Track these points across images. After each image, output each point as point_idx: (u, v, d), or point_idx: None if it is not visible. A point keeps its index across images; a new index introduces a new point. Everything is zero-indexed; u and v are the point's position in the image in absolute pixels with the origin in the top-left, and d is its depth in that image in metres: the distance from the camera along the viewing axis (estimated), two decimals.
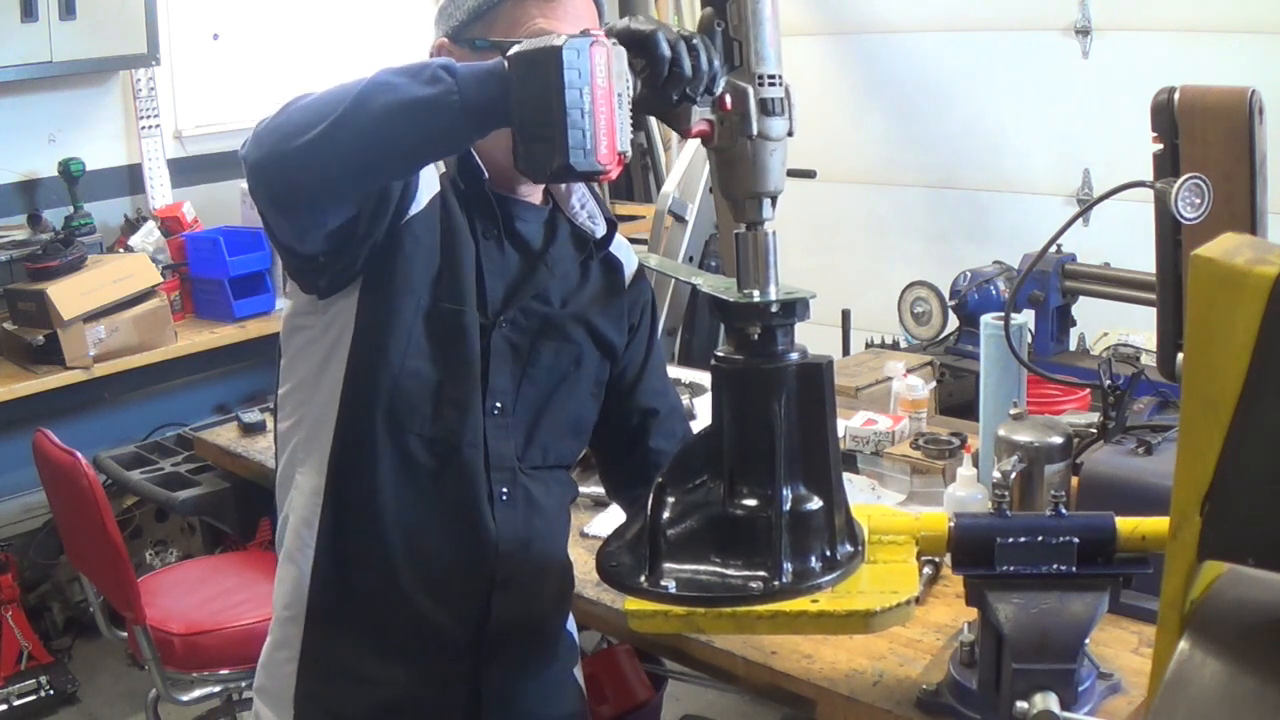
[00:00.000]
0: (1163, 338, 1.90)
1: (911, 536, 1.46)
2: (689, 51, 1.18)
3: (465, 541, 1.55)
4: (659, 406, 1.76)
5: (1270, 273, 0.83)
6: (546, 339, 1.60)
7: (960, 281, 3.20)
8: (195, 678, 2.61)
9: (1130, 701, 1.49)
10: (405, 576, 1.53)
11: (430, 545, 1.54)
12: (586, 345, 1.63)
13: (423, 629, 1.56)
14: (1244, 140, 1.75)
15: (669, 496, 1.27)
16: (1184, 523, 0.91)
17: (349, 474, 1.52)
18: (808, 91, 5.19)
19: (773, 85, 1.24)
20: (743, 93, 1.23)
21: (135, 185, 4.09)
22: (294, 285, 1.52)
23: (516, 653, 1.62)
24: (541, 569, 1.64)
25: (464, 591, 1.56)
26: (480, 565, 1.55)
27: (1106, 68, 4.10)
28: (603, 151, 1.15)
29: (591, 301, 1.65)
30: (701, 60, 1.18)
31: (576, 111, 1.13)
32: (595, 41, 1.14)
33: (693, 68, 1.18)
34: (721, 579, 1.24)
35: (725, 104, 1.23)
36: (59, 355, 3.40)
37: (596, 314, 1.65)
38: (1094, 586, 1.38)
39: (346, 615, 1.56)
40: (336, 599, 1.55)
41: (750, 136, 1.23)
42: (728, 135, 1.24)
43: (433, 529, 1.54)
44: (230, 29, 4.26)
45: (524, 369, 1.58)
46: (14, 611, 3.46)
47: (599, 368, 1.67)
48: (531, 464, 1.60)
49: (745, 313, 1.24)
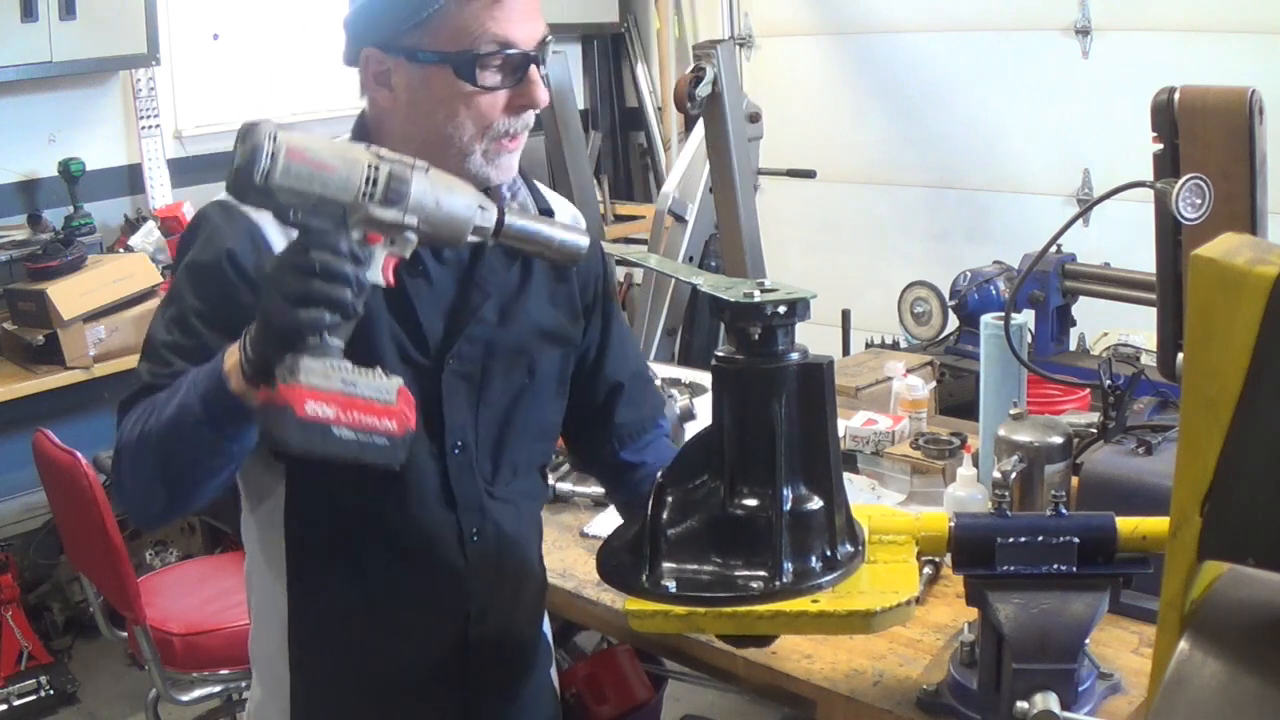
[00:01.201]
0: (1163, 338, 1.90)
1: (911, 536, 1.45)
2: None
3: (437, 589, 1.52)
4: (623, 379, 1.71)
5: (1270, 273, 0.83)
6: (495, 359, 1.52)
7: (960, 281, 3.20)
8: (195, 678, 2.61)
9: (1130, 701, 1.49)
10: (383, 635, 1.52)
11: (401, 601, 1.51)
12: (539, 349, 1.56)
13: (409, 676, 1.54)
14: (1244, 140, 1.75)
15: (669, 496, 1.27)
16: (1184, 523, 0.91)
17: (309, 581, 1.51)
18: (808, 91, 5.22)
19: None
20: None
21: (135, 185, 4.09)
22: None
23: (502, 674, 1.61)
24: (516, 589, 1.61)
25: (440, 635, 1.54)
26: (455, 605, 1.53)
27: (1106, 68, 4.10)
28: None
29: (537, 300, 1.57)
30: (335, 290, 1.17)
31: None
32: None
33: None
34: (722, 579, 1.24)
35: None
36: (59, 355, 3.40)
37: (544, 312, 1.57)
38: (1094, 586, 1.38)
39: (333, 670, 1.54)
40: (320, 655, 1.53)
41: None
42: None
43: (402, 590, 1.51)
44: (230, 29, 4.26)
45: (478, 397, 1.51)
46: (14, 611, 3.46)
47: (559, 365, 1.61)
48: (503, 484, 1.56)
49: (745, 313, 1.24)
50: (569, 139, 3.98)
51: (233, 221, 1.39)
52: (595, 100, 5.58)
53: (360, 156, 1.19)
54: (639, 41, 5.53)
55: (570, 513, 2.18)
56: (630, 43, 5.53)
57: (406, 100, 1.42)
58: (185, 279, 1.41)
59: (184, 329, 1.39)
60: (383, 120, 1.46)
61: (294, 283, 1.17)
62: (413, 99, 1.41)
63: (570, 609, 1.94)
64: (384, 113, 1.45)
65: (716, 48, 3.03)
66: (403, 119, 1.43)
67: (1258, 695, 0.84)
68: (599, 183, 4.94)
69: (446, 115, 1.41)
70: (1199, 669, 0.87)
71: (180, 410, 1.28)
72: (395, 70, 1.41)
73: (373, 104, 1.47)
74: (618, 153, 5.66)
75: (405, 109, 1.42)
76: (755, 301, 1.23)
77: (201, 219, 1.43)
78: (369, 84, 1.44)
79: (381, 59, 1.41)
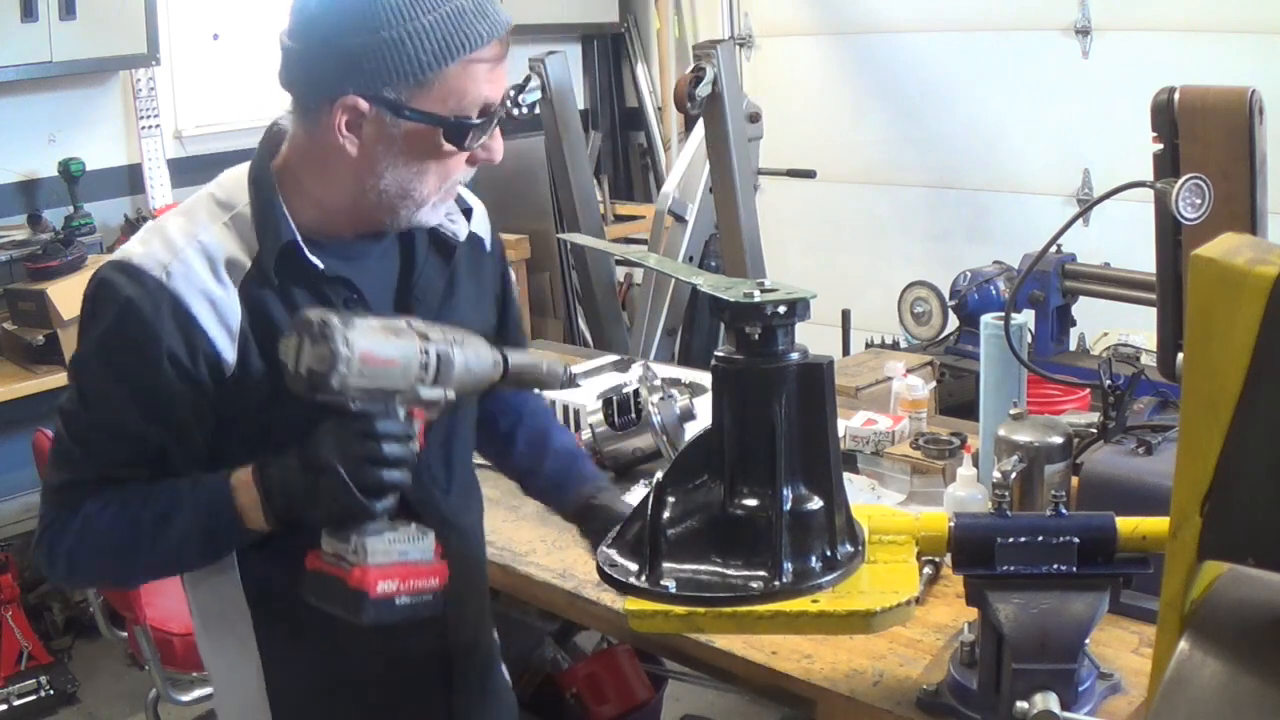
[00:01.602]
0: (1163, 338, 1.90)
1: (911, 536, 1.45)
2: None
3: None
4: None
5: (1270, 273, 0.83)
6: None
7: (960, 281, 3.20)
8: (195, 678, 2.61)
9: (1130, 701, 1.49)
10: (367, 663, 1.49)
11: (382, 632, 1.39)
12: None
13: (394, 694, 1.53)
14: (1244, 140, 1.75)
15: (669, 496, 1.27)
16: (1184, 523, 0.91)
17: (278, 629, 1.48)
18: (808, 91, 5.22)
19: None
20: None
21: (135, 185, 4.09)
22: None
23: (476, 673, 1.62)
24: (480, 585, 1.64)
25: (423, 648, 1.52)
26: (434, 618, 1.41)
27: (1106, 68, 4.11)
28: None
29: (465, 303, 1.54)
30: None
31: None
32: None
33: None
34: (722, 579, 1.23)
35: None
36: (59, 355, 3.40)
37: (471, 313, 1.54)
38: (1094, 586, 1.38)
39: (312, 688, 1.51)
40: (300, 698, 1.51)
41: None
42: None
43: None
44: (230, 29, 4.26)
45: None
46: (14, 611, 3.47)
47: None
48: (456, 485, 1.55)
49: (745, 313, 1.24)
50: (569, 139, 3.98)
51: (157, 305, 1.32)
52: (595, 100, 5.59)
53: (411, 342, 1.27)
54: (639, 41, 5.53)
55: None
56: (630, 43, 5.54)
57: (373, 152, 1.34)
58: (100, 362, 1.34)
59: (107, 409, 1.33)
60: (324, 161, 1.37)
61: (365, 474, 1.22)
62: (383, 152, 1.34)
63: (570, 609, 1.93)
64: (331, 155, 1.35)
65: (716, 48, 3.03)
66: (357, 168, 1.35)
67: (1258, 695, 0.84)
68: (599, 183, 4.94)
69: (416, 171, 1.36)
70: (1199, 669, 0.87)
71: (180, 542, 1.33)
72: (371, 121, 1.32)
73: (316, 144, 1.36)
74: (618, 153, 5.67)
75: (367, 159, 1.34)
76: (755, 301, 1.23)
77: (110, 296, 1.34)
78: (333, 127, 1.32)
79: (360, 108, 1.31)
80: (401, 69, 1.29)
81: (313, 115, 1.35)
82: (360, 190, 1.36)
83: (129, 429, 1.33)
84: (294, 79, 1.37)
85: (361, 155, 1.34)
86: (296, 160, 1.40)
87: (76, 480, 1.36)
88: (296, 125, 1.40)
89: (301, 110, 1.38)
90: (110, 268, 1.36)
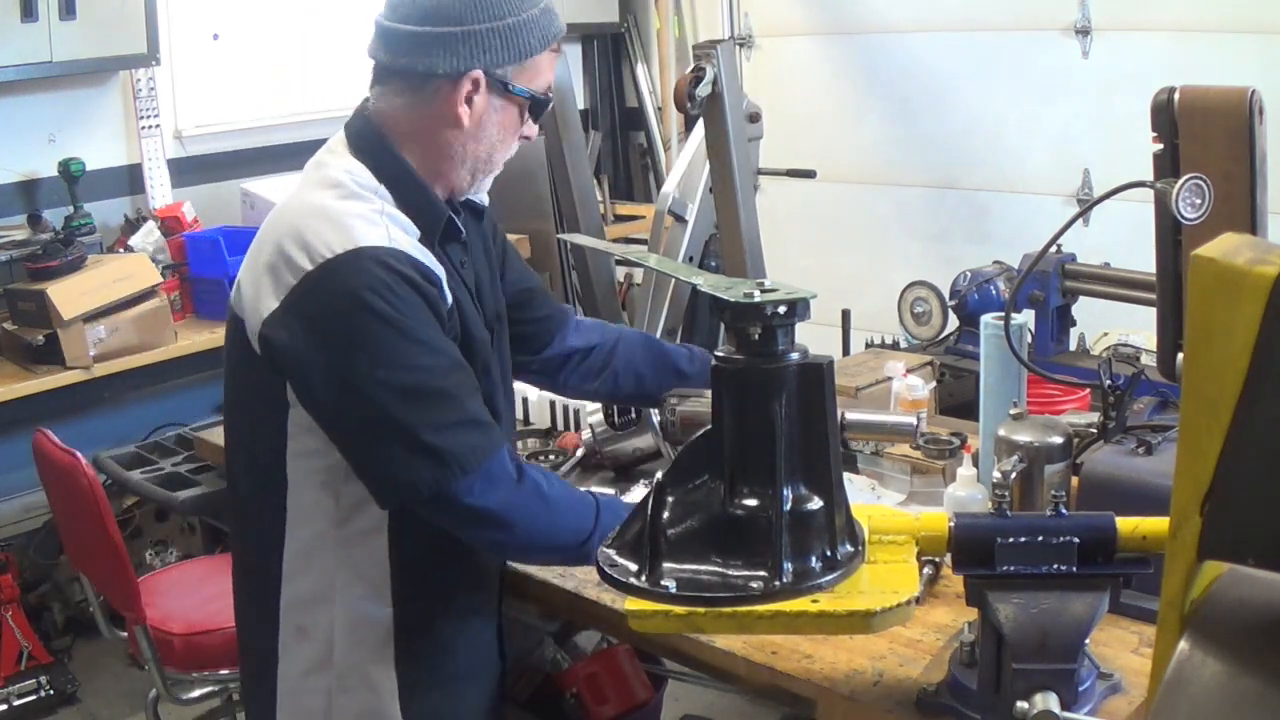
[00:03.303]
0: (1163, 338, 1.90)
1: (911, 536, 1.45)
2: None
3: (496, 566, 1.85)
4: (530, 285, 1.99)
5: (1270, 273, 0.83)
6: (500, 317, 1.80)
7: (960, 281, 3.20)
8: (195, 678, 2.61)
9: (1130, 701, 1.49)
10: (480, 618, 1.79)
11: (492, 577, 1.85)
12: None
13: (491, 656, 1.81)
14: (1244, 140, 1.75)
15: (669, 496, 1.27)
16: (1184, 523, 0.91)
17: (414, 594, 1.69)
18: (808, 91, 5.21)
19: None
20: None
21: (135, 185, 4.09)
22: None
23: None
24: None
25: (494, 604, 1.85)
26: (497, 573, 1.87)
27: (1106, 68, 4.10)
28: None
29: (486, 259, 1.81)
30: None
31: None
32: None
33: None
34: (722, 579, 1.24)
35: None
36: (59, 355, 3.40)
37: (487, 267, 1.81)
38: (1094, 586, 1.38)
39: (439, 666, 1.72)
40: (423, 655, 1.69)
41: None
42: None
43: (491, 569, 1.84)
44: (230, 29, 4.26)
45: (500, 349, 1.78)
46: (14, 611, 3.46)
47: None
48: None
49: (745, 313, 1.24)
50: (569, 139, 3.98)
51: (422, 274, 1.58)
52: (595, 100, 5.58)
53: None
54: (639, 41, 5.53)
55: None
56: (630, 43, 5.53)
57: (480, 122, 1.62)
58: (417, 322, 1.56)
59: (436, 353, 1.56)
60: (437, 130, 1.62)
61: None
62: (485, 122, 1.62)
63: (570, 609, 1.93)
64: (441, 126, 1.61)
65: (716, 48, 3.02)
66: (465, 138, 1.62)
67: (1258, 695, 0.84)
68: (599, 183, 4.94)
69: (501, 141, 1.65)
70: (1199, 669, 0.87)
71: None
72: (483, 96, 1.60)
73: (425, 116, 1.61)
74: (618, 153, 5.66)
75: (475, 128, 1.62)
76: (755, 301, 1.23)
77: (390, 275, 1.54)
78: (455, 100, 1.59)
79: (480, 82, 1.59)
80: (516, 50, 1.58)
81: (427, 90, 1.60)
82: (461, 157, 1.64)
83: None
84: (409, 58, 1.58)
85: (471, 125, 1.61)
86: (407, 135, 1.63)
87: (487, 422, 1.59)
88: (399, 101, 1.63)
89: (410, 88, 1.61)
90: (362, 256, 1.52)
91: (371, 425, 1.52)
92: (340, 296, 1.50)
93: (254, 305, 1.56)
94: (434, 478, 1.51)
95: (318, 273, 1.50)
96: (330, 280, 1.50)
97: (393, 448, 1.51)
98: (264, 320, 1.54)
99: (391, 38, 1.59)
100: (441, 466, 1.51)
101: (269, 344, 1.54)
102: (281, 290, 1.53)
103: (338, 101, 4.27)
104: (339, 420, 1.56)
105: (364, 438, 1.55)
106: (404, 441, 1.51)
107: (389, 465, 1.53)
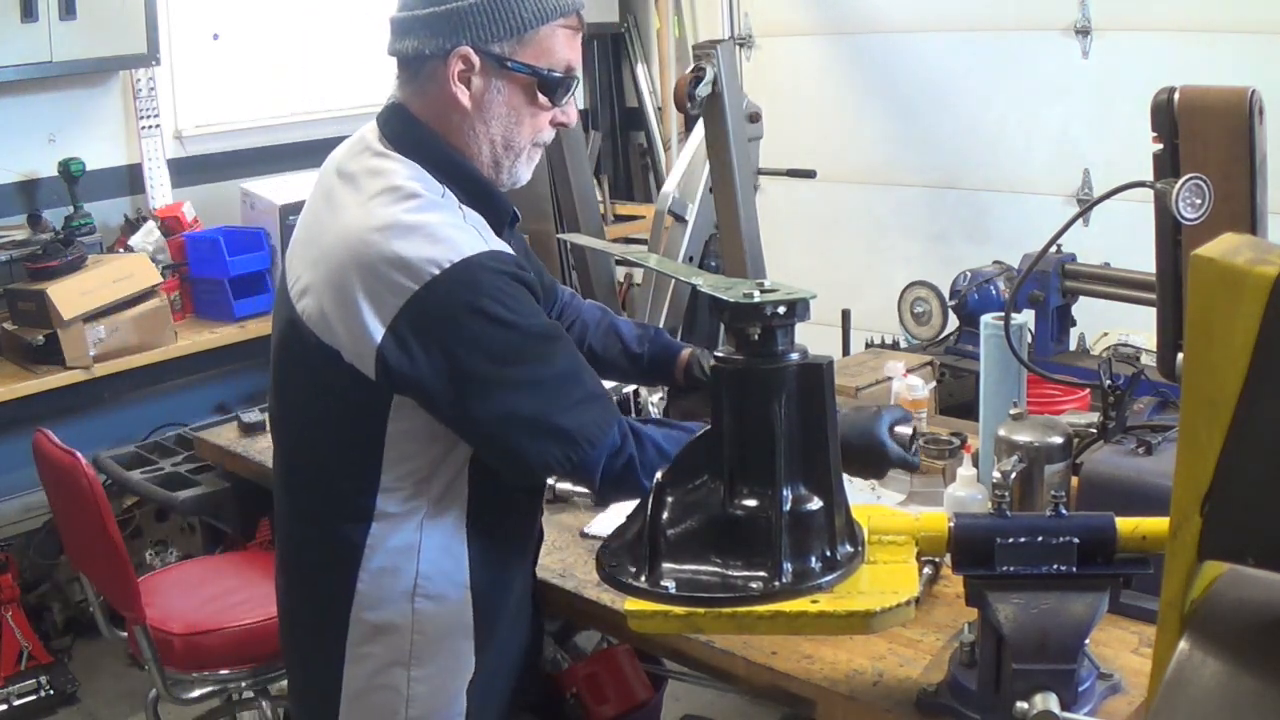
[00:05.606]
0: (1163, 338, 1.90)
1: (911, 536, 1.45)
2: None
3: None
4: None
5: (1270, 273, 0.83)
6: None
7: (960, 281, 3.19)
8: (195, 678, 2.61)
9: (1130, 701, 1.49)
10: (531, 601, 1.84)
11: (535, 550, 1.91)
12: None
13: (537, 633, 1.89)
14: (1244, 140, 1.75)
15: (669, 496, 1.27)
16: (1184, 523, 0.91)
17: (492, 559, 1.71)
18: (808, 91, 5.20)
19: None
20: None
21: (135, 185, 4.09)
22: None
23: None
24: None
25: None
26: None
27: (1106, 68, 4.10)
28: None
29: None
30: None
31: None
32: None
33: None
34: (721, 579, 1.24)
35: None
36: (59, 355, 3.40)
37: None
38: (1094, 586, 1.38)
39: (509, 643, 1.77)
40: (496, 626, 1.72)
41: None
42: None
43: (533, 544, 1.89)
44: (230, 29, 4.25)
45: None
46: (14, 611, 3.46)
47: None
48: None
49: (745, 313, 1.24)
50: (569, 139, 3.97)
51: (522, 267, 1.62)
52: (595, 100, 5.58)
53: None
54: (639, 41, 5.53)
55: (570, 513, 2.18)
56: (630, 43, 5.53)
57: (482, 101, 1.60)
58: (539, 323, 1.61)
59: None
60: (446, 115, 1.61)
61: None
62: (488, 101, 1.60)
63: (570, 609, 1.94)
64: (448, 110, 1.60)
65: (716, 48, 3.02)
66: (471, 119, 1.61)
67: (1258, 695, 0.84)
68: (599, 183, 4.94)
69: (515, 121, 1.63)
70: (1199, 669, 0.87)
71: None
72: (479, 73, 1.58)
73: (433, 102, 1.61)
74: (618, 153, 5.66)
75: (478, 108, 1.60)
76: (755, 302, 1.23)
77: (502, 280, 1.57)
78: (448, 79, 1.58)
79: (471, 59, 1.57)
80: (507, 24, 1.56)
81: (427, 74, 1.60)
82: (475, 140, 1.63)
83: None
84: (408, 43, 1.59)
85: (473, 105, 1.60)
86: (431, 126, 1.63)
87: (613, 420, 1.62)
88: (409, 89, 1.64)
89: (411, 74, 1.62)
90: (470, 266, 1.53)
91: (504, 422, 1.57)
92: (456, 310, 1.51)
93: (354, 333, 1.53)
94: (565, 456, 1.58)
95: (425, 291, 1.50)
96: (443, 296, 1.51)
97: (524, 436, 1.57)
98: (378, 345, 1.52)
99: (393, 27, 1.63)
100: (572, 445, 1.58)
101: (387, 367, 1.53)
102: (387, 313, 1.51)
103: (338, 101, 4.29)
104: (472, 425, 1.58)
105: (498, 433, 1.59)
106: (536, 428, 1.57)
107: (521, 452, 1.59)
